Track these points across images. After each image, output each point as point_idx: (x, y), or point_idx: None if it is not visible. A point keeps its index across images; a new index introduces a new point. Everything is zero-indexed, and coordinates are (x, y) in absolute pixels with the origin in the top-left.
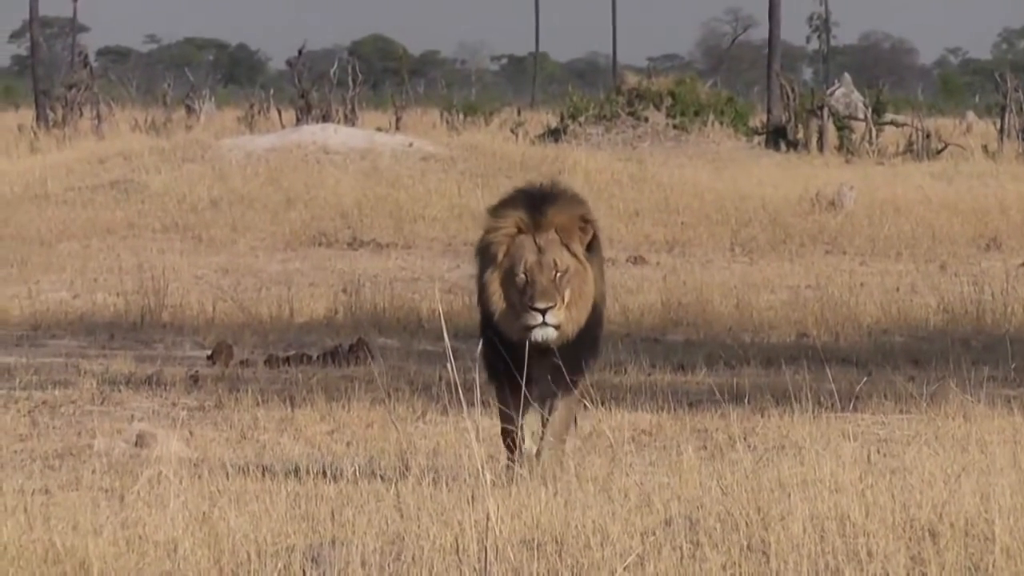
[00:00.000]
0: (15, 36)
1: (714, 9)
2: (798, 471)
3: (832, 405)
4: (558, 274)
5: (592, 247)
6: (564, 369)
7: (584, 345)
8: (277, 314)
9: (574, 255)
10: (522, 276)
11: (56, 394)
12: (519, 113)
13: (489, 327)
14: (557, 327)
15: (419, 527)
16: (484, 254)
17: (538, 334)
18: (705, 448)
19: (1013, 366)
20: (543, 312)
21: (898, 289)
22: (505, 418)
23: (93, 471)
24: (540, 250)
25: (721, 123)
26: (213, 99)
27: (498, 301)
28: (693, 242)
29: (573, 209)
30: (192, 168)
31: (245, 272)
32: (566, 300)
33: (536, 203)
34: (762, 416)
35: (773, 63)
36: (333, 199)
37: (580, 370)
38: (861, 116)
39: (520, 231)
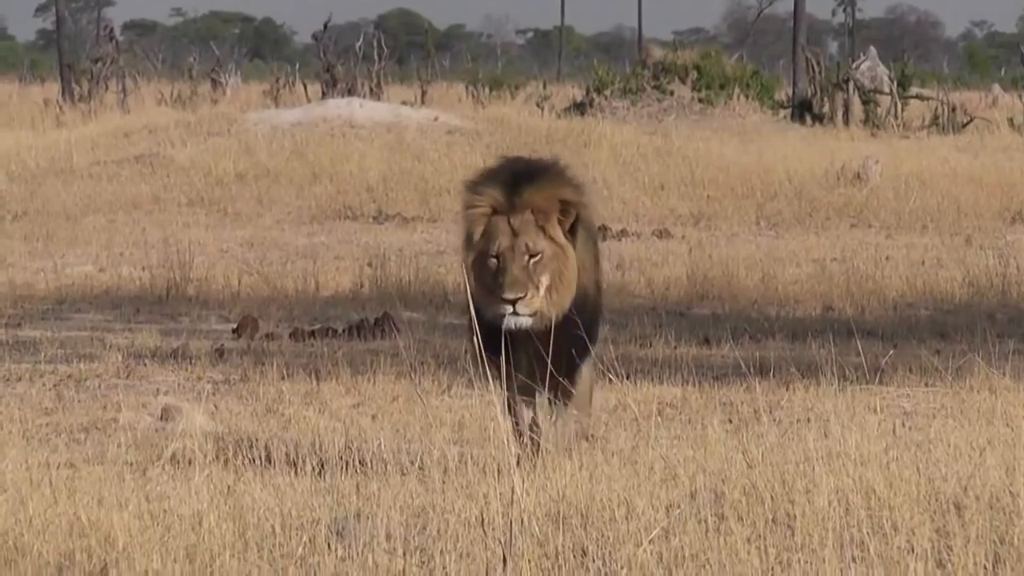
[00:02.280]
0: (41, 10)
1: None
2: (823, 444)
3: (857, 378)
4: (531, 260)
5: (576, 229)
6: (555, 356)
7: (573, 331)
8: (302, 288)
9: (551, 238)
10: (494, 260)
11: (81, 368)
12: (545, 87)
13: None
14: (532, 315)
15: (444, 500)
16: (464, 229)
17: (511, 322)
18: (730, 421)
19: None
20: (512, 303)
21: (923, 262)
22: (503, 401)
23: (118, 445)
24: (514, 233)
25: (747, 96)
26: (239, 73)
27: (474, 282)
28: (719, 215)
29: (553, 189)
30: (218, 142)
31: (271, 246)
32: (543, 286)
33: (513, 182)
34: (787, 389)
35: (799, 36)
36: (359, 173)
37: (573, 360)
38: (886, 90)
39: (496, 211)
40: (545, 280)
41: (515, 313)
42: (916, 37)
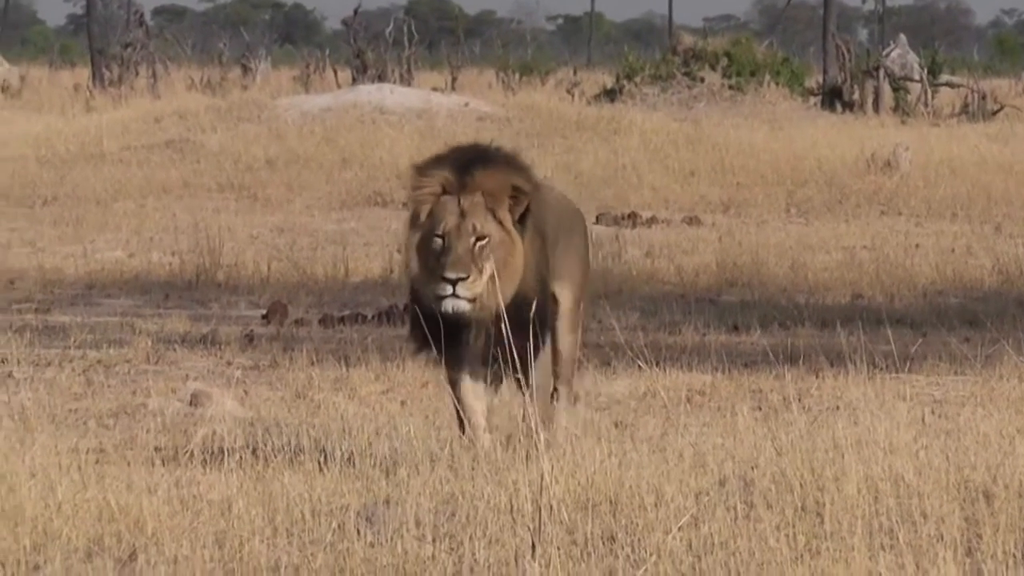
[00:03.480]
0: None
1: None
2: (852, 432)
3: (887, 366)
4: (477, 242)
5: (525, 220)
6: (515, 347)
7: (517, 325)
8: (332, 274)
9: (499, 223)
10: (439, 240)
11: (111, 353)
12: (575, 73)
13: (410, 293)
14: (471, 300)
15: (473, 487)
16: (410, 213)
17: (448, 305)
18: (760, 409)
19: None
20: (453, 283)
21: (953, 250)
22: (453, 392)
23: (147, 430)
24: (463, 213)
25: (777, 84)
26: (269, 58)
27: (414, 265)
28: (748, 203)
29: (506, 175)
30: (248, 127)
31: (300, 232)
32: (486, 272)
33: (466, 163)
34: (817, 377)
35: (829, 24)
36: (389, 159)
37: (523, 351)
38: (917, 77)
39: (445, 191)
40: (489, 266)
41: (455, 295)
42: (946, 24)
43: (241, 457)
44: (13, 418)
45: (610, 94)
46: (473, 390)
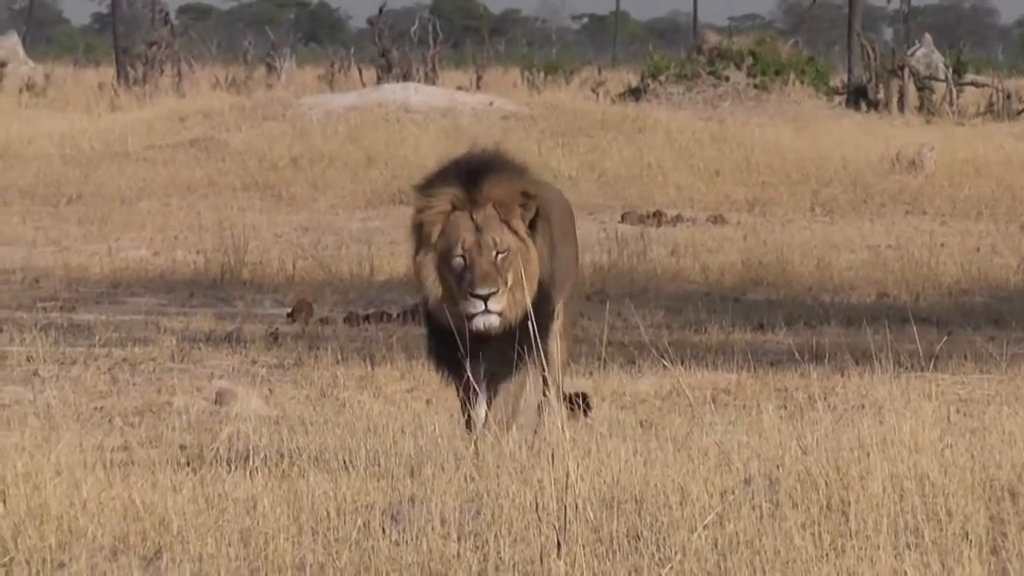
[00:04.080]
0: None
1: None
2: (878, 431)
3: (912, 365)
4: (499, 255)
5: (536, 224)
6: (509, 355)
7: (527, 331)
8: (357, 272)
9: (515, 232)
10: (459, 259)
11: (136, 352)
12: (600, 72)
13: (426, 313)
14: (500, 314)
15: (498, 485)
16: (417, 234)
17: (479, 322)
18: (785, 407)
19: None
20: (485, 299)
21: (978, 249)
22: (463, 404)
23: (173, 429)
24: (478, 228)
25: (802, 83)
26: (294, 57)
27: (433, 286)
28: (774, 202)
29: (512, 182)
30: (273, 126)
31: (325, 230)
32: (508, 283)
33: (471, 176)
34: (842, 376)
35: (854, 23)
36: (414, 158)
37: (522, 358)
38: (942, 76)
39: (455, 208)
40: (511, 277)
41: (486, 311)
42: (971, 24)
43: (266, 455)
44: (38, 416)
45: (635, 93)
46: (482, 399)
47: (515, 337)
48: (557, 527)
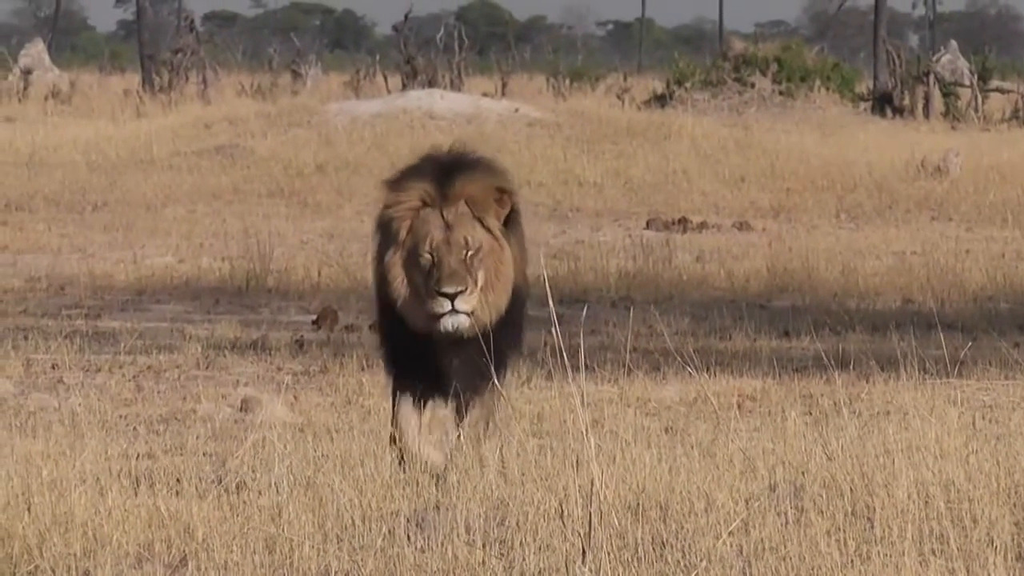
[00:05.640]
0: (121, 1)
1: None
2: (903, 437)
3: (937, 371)
4: (469, 253)
5: (511, 221)
6: (481, 364)
7: (504, 336)
8: None
9: (488, 230)
10: (427, 256)
11: (161, 359)
12: (625, 79)
13: (390, 316)
14: (469, 314)
15: (523, 492)
16: (384, 232)
17: (447, 322)
18: (810, 414)
19: None
20: (452, 297)
21: (1004, 255)
22: (401, 419)
23: (197, 436)
24: (448, 226)
25: (827, 89)
26: (319, 64)
27: (400, 286)
28: (799, 208)
29: (487, 178)
30: (298, 133)
31: (351, 237)
32: (479, 283)
33: (444, 172)
34: (867, 382)
35: (879, 29)
36: None
37: (501, 365)
38: (967, 83)
39: (425, 204)
40: (481, 277)
41: (454, 311)
42: (996, 30)
43: (291, 463)
44: (64, 424)
45: (660, 100)
46: (432, 417)
47: (487, 346)
48: (582, 534)
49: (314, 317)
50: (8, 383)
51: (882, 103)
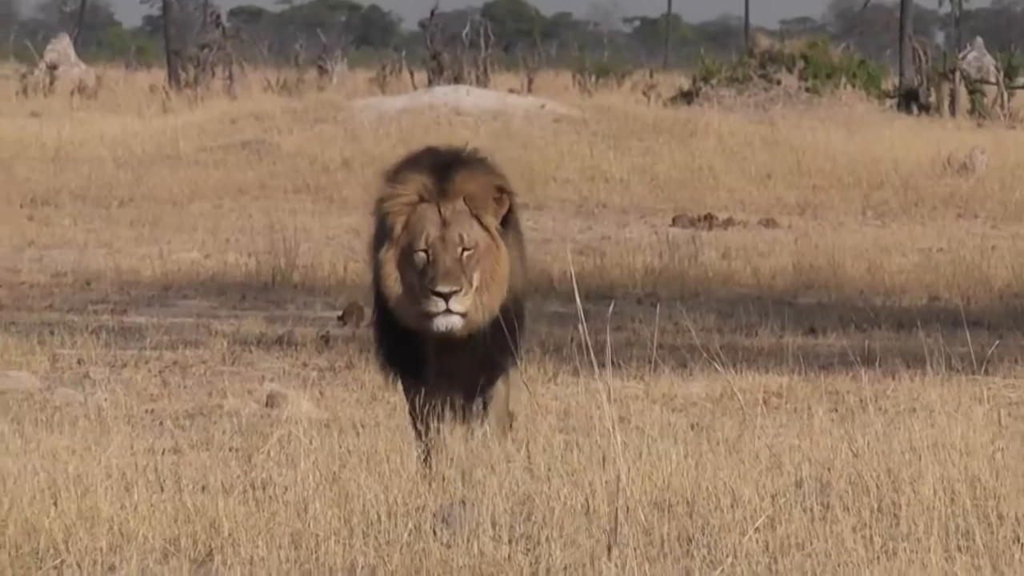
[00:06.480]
0: None
1: None
2: (929, 434)
3: (963, 368)
4: (465, 252)
5: (508, 222)
6: (479, 367)
7: (499, 338)
8: None
9: (486, 229)
10: (422, 254)
11: (187, 354)
12: (651, 75)
13: (384, 313)
14: (463, 315)
15: (549, 488)
16: (380, 227)
17: (440, 323)
18: (836, 410)
19: None
20: (446, 297)
21: None
22: (414, 415)
23: (223, 431)
24: (445, 223)
25: (853, 86)
26: (345, 60)
27: (394, 284)
28: (825, 205)
29: (486, 176)
30: (324, 129)
31: None
32: (474, 283)
33: (443, 167)
34: (893, 379)
35: (905, 26)
36: None
37: (497, 367)
38: (993, 80)
39: (422, 199)
40: (476, 278)
41: (448, 311)
42: (1023, 28)
43: (317, 458)
44: (89, 419)
45: (686, 96)
46: (438, 415)
47: (483, 349)
48: (608, 530)
49: (340, 313)
50: (34, 378)
51: (908, 100)
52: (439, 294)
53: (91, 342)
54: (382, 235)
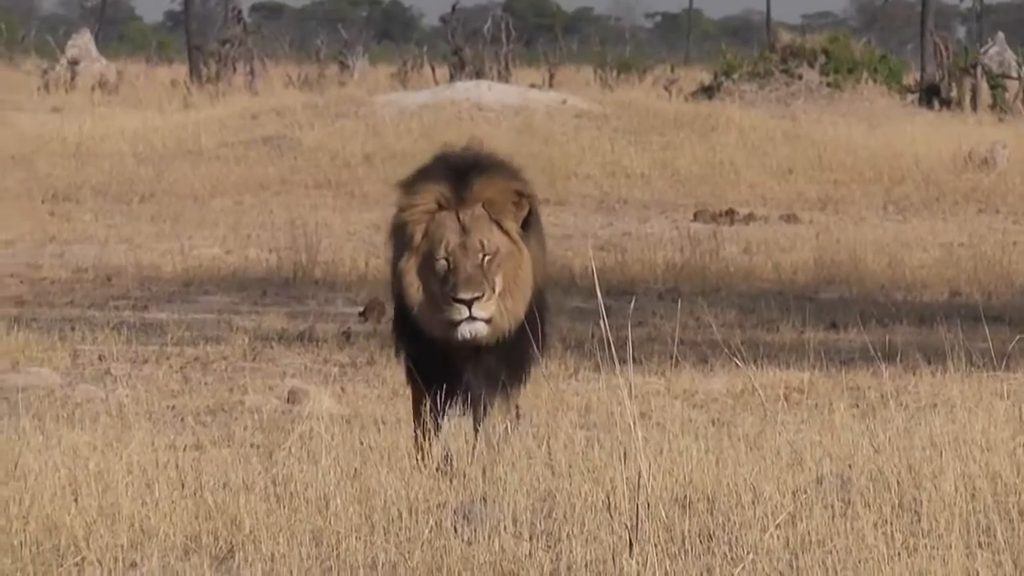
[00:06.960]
0: None
1: None
2: (950, 429)
3: (984, 364)
4: (486, 257)
5: (529, 224)
6: (501, 372)
7: (524, 342)
8: None
9: (506, 234)
10: (443, 261)
11: (208, 350)
12: (673, 70)
13: (406, 322)
14: (488, 321)
15: (571, 484)
16: (398, 236)
17: (465, 330)
18: (857, 406)
19: None
20: (468, 304)
21: None
22: (423, 427)
23: (244, 427)
24: (465, 230)
25: (875, 81)
26: (366, 55)
27: (416, 293)
28: (846, 200)
29: (505, 180)
30: (345, 124)
31: None
32: (497, 289)
33: (460, 174)
34: (914, 374)
35: (927, 21)
36: None
37: (521, 372)
38: (1014, 74)
39: (441, 207)
40: (499, 283)
41: (471, 318)
42: None
43: (338, 455)
44: (111, 415)
45: (708, 91)
46: (440, 414)
47: (506, 353)
48: (629, 526)
49: (361, 309)
50: (55, 374)
51: (929, 95)
52: (461, 301)
53: (112, 338)
54: (401, 246)
